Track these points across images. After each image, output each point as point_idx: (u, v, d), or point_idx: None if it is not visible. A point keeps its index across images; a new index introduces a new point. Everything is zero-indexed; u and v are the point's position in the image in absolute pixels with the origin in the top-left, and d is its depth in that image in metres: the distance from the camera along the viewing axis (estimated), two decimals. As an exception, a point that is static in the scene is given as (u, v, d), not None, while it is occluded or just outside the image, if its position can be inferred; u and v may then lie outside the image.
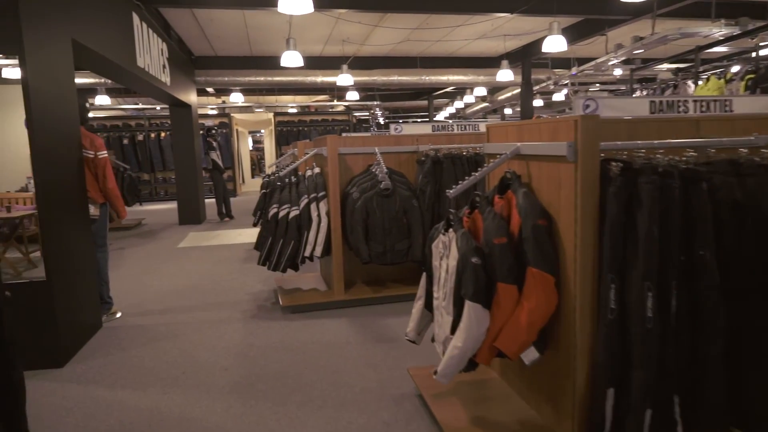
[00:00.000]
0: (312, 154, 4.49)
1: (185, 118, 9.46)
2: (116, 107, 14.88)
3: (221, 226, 9.20)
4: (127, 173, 9.15)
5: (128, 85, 6.28)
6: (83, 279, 3.69)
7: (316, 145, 4.75)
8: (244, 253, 6.73)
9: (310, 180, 4.34)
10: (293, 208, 4.18)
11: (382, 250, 4.19)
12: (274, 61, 11.05)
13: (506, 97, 15.63)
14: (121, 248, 7.38)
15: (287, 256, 4.14)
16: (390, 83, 11.11)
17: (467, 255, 2.06)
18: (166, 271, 5.86)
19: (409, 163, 4.65)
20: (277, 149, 15.37)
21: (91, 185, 3.96)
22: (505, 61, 9.82)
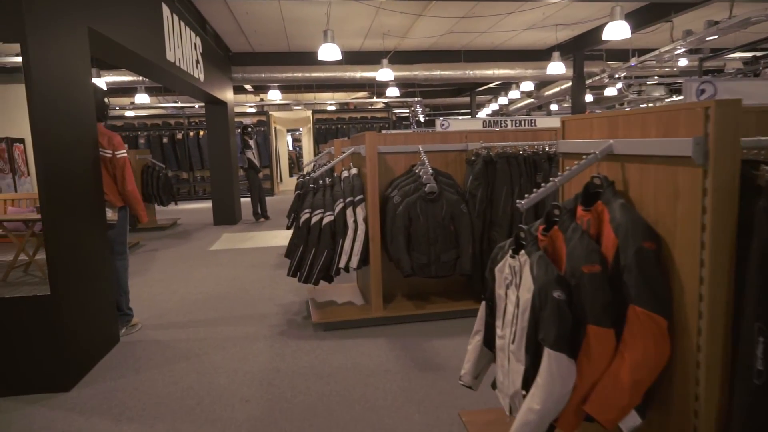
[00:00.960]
0: (349, 153, 4.05)
1: (221, 116, 9.22)
2: (156, 106, 14.92)
3: (256, 227, 8.91)
4: (162, 172, 8.97)
5: (157, 80, 6.01)
6: (98, 291, 3.36)
7: (354, 143, 4.30)
8: (277, 257, 6.36)
9: (346, 182, 3.90)
10: (327, 214, 3.75)
11: (426, 261, 3.71)
12: (312, 56, 10.70)
13: (553, 92, 14.84)
14: (154, 250, 7.16)
15: (320, 267, 3.71)
16: (432, 78, 10.58)
17: (547, 287, 1.56)
18: (194, 276, 5.55)
19: (457, 163, 4.15)
20: (315, 148, 15.08)
21: (109, 187, 3.64)
22: (557, 52, 9.14)
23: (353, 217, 3.76)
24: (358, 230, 3.73)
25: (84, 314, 3.16)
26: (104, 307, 3.47)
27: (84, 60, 3.40)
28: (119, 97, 14.34)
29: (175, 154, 14.25)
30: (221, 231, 8.63)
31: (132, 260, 6.44)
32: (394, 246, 3.70)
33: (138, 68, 5.15)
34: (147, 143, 14.07)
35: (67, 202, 3.02)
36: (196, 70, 6.77)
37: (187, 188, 14.52)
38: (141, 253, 6.97)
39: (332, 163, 4.15)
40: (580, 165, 1.79)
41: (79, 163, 3.20)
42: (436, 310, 3.86)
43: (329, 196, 3.84)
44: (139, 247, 7.39)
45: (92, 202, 3.36)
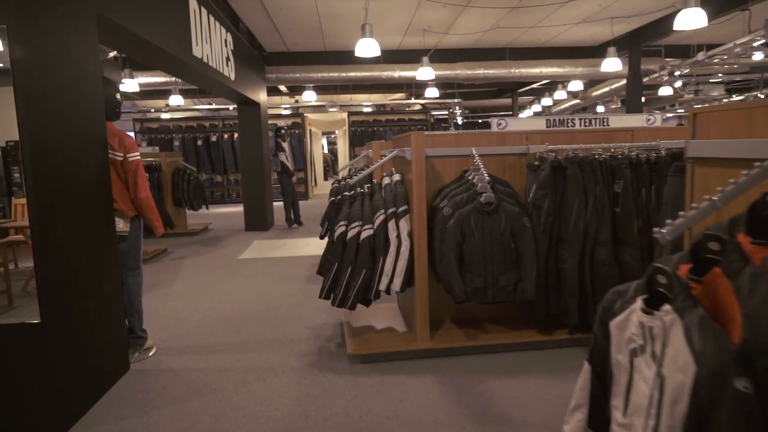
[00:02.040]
0: (390, 157, 3.53)
1: (253, 118, 8.85)
2: (190, 108, 14.78)
3: (288, 234, 8.49)
4: (193, 176, 8.66)
5: (183, 77, 5.63)
6: (103, 313, 2.93)
7: (396, 145, 3.78)
8: (309, 268, 5.89)
9: (387, 190, 3.38)
10: (365, 227, 3.23)
11: (482, 284, 3.14)
12: (349, 56, 10.27)
13: (602, 93, 13.99)
14: (182, 257, 6.80)
15: (357, 289, 3.19)
16: (475, 78, 9.98)
17: (724, 372, 0.98)
18: (220, 289, 5.12)
19: (516, 168, 3.58)
20: (351, 151, 14.64)
21: (120, 195, 3.22)
22: (612, 47, 8.41)
23: (396, 231, 3.22)
24: (401, 247, 3.19)
25: (85, 342, 2.72)
26: (111, 332, 3.03)
27: (92, 50, 2.98)
28: (154, 99, 14.25)
29: (209, 156, 14.05)
30: (252, 237, 8.24)
31: (158, 268, 6.10)
32: (443, 266, 3.16)
33: (160, 63, 4.76)
34: (181, 145, 13.91)
35: (65, 213, 2.59)
36: (226, 68, 6.38)
37: (221, 191, 14.30)
38: (168, 260, 6.62)
39: (371, 168, 3.63)
40: (749, 177, 1.21)
41: (82, 168, 2.78)
42: (491, 342, 3.28)
43: (368, 207, 3.32)
44: (167, 254, 7.06)
45: (98, 211, 2.93)
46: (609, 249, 3.17)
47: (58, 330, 2.48)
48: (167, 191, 8.34)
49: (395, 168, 3.57)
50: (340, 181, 5.96)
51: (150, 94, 13.87)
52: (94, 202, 2.89)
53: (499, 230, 3.15)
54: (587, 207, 3.15)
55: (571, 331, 3.33)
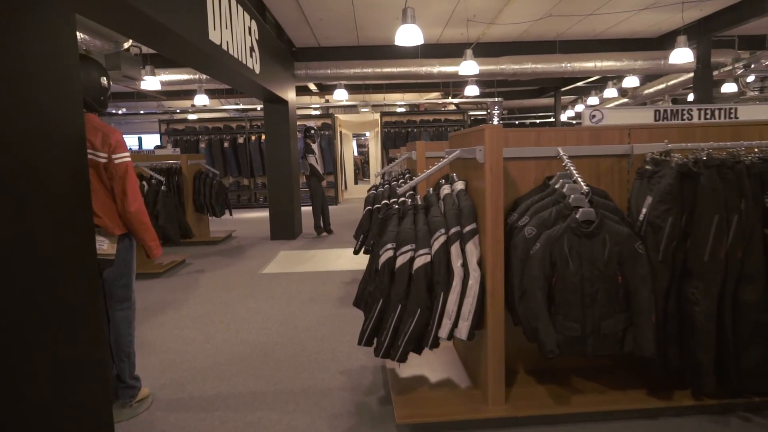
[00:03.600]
0: (451, 159, 2.72)
1: (281, 117, 8.16)
2: (216, 108, 14.27)
3: (317, 243, 7.76)
4: (216, 180, 8.01)
5: (198, 66, 4.94)
6: (79, 365, 2.20)
7: (456, 144, 2.98)
8: (341, 288, 5.13)
9: (448, 203, 2.57)
10: (420, 252, 2.43)
11: (579, 333, 2.31)
12: (384, 51, 9.52)
13: (656, 90, 12.90)
14: (200, 270, 6.12)
15: (408, 335, 2.39)
16: (521, 73, 9.09)
17: None
18: (238, 314, 4.39)
19: (613, 174, 2.74)
20: (383, 153, 13.88)
21: (104, 207, 2.51)
22: (683, 36, 7.42)
23: (461, 258, 2.42)
24: (468, 279, 2.39)
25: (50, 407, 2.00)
26: (89, 389, 2.31)
27: (65, 25, 2.26)
28: (181, 100, 13.78)
29: (235, 159, 13.48)
30: (278, 247, 7.53)
31: (172, 285, 5.42)
32: (526, 306, 2.34)
33: (170, 48, 4.07)
34: (207, 147, 13.38)
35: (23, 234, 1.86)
36: (249, 60, 5.69)
37: (248, 195, 13.72)
38: (184, 274, 5.95)
39: (421, 177, 2.82)
40: None
41: (49, 173, 2.05)
42: (588, 408, 2.44)
43: (423, 225, 2.52)
44: (185, 266, 6.39)
45: (73, 230, 2.21)
46: (760, 288, 2.30)
47: (11, 393, 1.76)
48: (188, 196, 7.71)
49: (456, 174, 2.76)
50: (377, 188, 5.21)
51: (176, 94, 13.41)
52: (66, 218, 2.17)
53: (602, 258, 2.31)
54: (730, 228, 2.28)
55: (698, 395, 2.46)
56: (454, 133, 3.15)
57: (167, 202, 5.94)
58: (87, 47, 6.02)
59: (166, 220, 5.80)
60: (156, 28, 3.46)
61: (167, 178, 7.45)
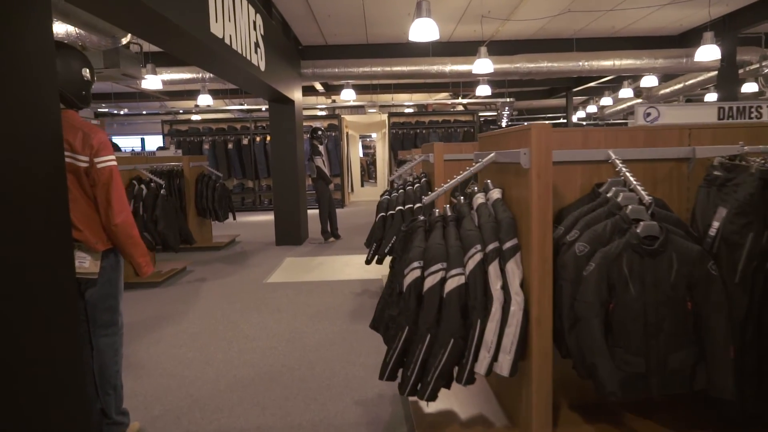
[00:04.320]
0: (484, 164, 2.37)
1: (286, 117, 7.83)
2: (221, 109, 13.96)
3: (325, 249, 7.42)
4: (219, 183, 7.69)
5: (199, 62, 4.61)
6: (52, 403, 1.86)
7: (486, 146, 2.63)
8: (352, 299, 4.78)
9: (483, 214, 2.22)
10: (453, 272, 2.08)
11: (642, 368, 1.96)
12: (393, 49, 9.18)
13: (671, 90, 12.51)
14: (201, 279, 5.79)
15: (440, 369, 2.04)
16: (537, 72, 8.73)
17: None
18: (241, 330, 4.05)
19: (671, 181, 2.39)
20: (391, 155, 13.52)
21: (85, 219, 2.17)
22: (709, 32, 7.05)
23: (501, 279, 2.07)
24: (510, 304, 2.03)
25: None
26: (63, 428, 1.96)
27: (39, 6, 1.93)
28: (184, 100, 13.49)
29: (240, 160, 13.16)
30: (283, 254, 7.20)
31: (171, 295, 5.08)
32: (580, 337, 1.98)
33: (167, 39, 3.73)
34: (211, 149, 13.06)
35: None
36: (255, 56, 5.35)
37: (252, 198, 13.40)
38: (185, 283, 5.62)
39: (451, 184, 2.47)
40: None
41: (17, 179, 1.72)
42: (649, 455, 2.08)
43: (455, 240, 2.17)
44: (185, 274, 6.06)
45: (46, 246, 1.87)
46: None
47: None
48: (189, 200, 7.38)
49: (491, 181, 2.41)
50: (390, 193, 4.86)
51: (179, 95, 13.12)
52: (39, 232, 1.83)
53: (668, 281, 1.96)
54: (824, 247, 1.93)
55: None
56: (484, 133, 2.80)
57: (167, 206, 5.61)
58: (83, 43, 5.70)
59: (166, 225, 5.47)
60: (151, 18, 3.13)
61: (168, 180, 7.13)
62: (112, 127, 16.89)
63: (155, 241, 5.48)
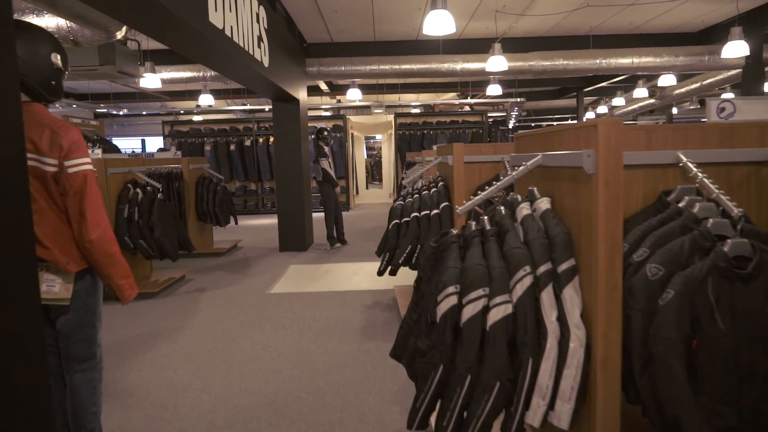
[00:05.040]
0: (528, 168, 2.00)
1: (291, 117, 7.48)
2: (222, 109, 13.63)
3: (331, 256, 7.06)
4: (220, 186, 7.34)
5: (198, 55, 4.26)
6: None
7: (524, 147, 2.26)
8: (363, 313, 4.42)
9: (530, 229, 1.85)
10: (497, 300, 1.71)
11: (734, 421, 1.59)
12: (402, 47, 8.83)
13: (687, 90, 12.13)
14: (200, 290, 5.43)
15: (483, 419, 1.68)
16: (552, 70, 8.36)
17: None
18: (242, 349, 3.69)
19: (749, 186, 2.01)
20: (398, 156, 13.16)
21: (54, 234, 1.81)
22: (737, 27, 6.68)
23: (556, 309, 1.70)
24: (569, 340, 1.67)
25: None
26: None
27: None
28: (186, 101, 13.16)
29: (242, 162, 12.81)
30: (287, 260, 6.84)
31: (167, 308, 4.71)
32: (657, 381, 1.61)
33: (161, 28, 3.38)
34: (213, 150, 12.72)
35: None
36: (257, 51, 5.00)
37: (255, 201, 13.05)
38: (183, 294, 5.26)
39: (493, 189, 2.10)
40: None
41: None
42: None
43: (497, 260, 1.80)
44: (184, 283, 5.71)
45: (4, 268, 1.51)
46: None
47: None
48: (189, 204, 7.04)
49: (538, 189, 2.04)
50: (405, 198, 4.50)
51: (180, 95, 12.79)
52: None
53: (763, 312, 1.59)
54: None
55: None
56: (521, 132, 2.43)
57: (164, 212, 5.26)
58: (75, 37, 5.36)
59: (163, 233, 5.12)
60: (144, 5, 2.78)
61: (167, 184, 6.80)
62: (112, 128, 16.57)
63: (151, 249, 5.13)
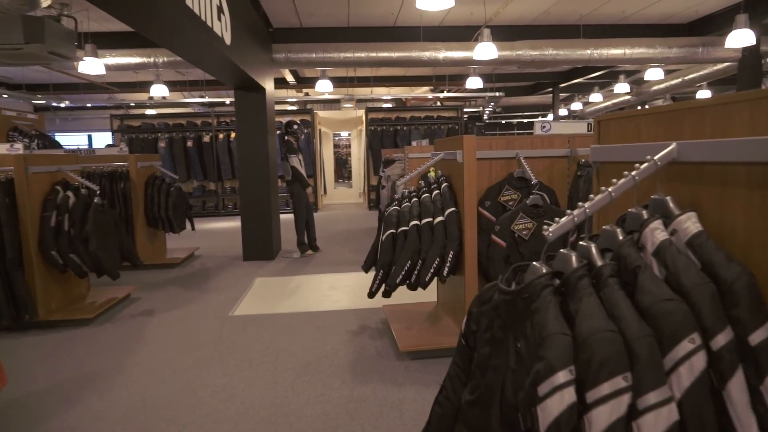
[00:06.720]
0: (659, 165, 1.26)
1: (256, 109, 6.59)
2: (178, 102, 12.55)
3: (303, 266, 6.22)
4: (174, 187, 6.41)
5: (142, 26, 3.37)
6: None
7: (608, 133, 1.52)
8: (348, 341, 3.63)
9: (680, 266, 1.11)
10: (652, 396, 0.96)
11: None
12: (378, 34, 8.06)
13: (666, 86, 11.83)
14: (147, 312, 4.52)
15: None
16: (540, 60, 7.75)
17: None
18: (198, 400, 2.85)
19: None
20: (369, 153, 12.37)
21: None
22: (743, 15, 6.22)
23: (753, 414, 0.97)
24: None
25: None
26: None
27: None
28: (137, 92, 12.01)
29: (200, 160, 11.77)
30: (253, 272, 5.97)
31: (107, 336, 3.72)
32: None
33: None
34: (168, 147, 11.61)
35: None
36: (218, 24, 4.14)
37: (215, 202, 12.03)
38: (126, 319, 4.34)
39: (622, 183, 1.36)
40: None
41: None
42: None
43: (634, 321, 1.05)
44: (128, 304, 4.77)
45: None
46: None
47: None
48: (137, 208, 6.08)
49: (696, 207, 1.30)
50: (401, 201, 3.74)
51: (131, 86, 11.65)
52: None
53: None
54: None
55: None
56: (609, 114, 1.70)
57: (103, 219, 4.34)
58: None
59: (100, 245, 4.20)
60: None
61: (110, 185, 5.84)
62: (54, 122, 15.10)
63: (86, 265, 4.21)
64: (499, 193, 3.43)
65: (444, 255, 3.27)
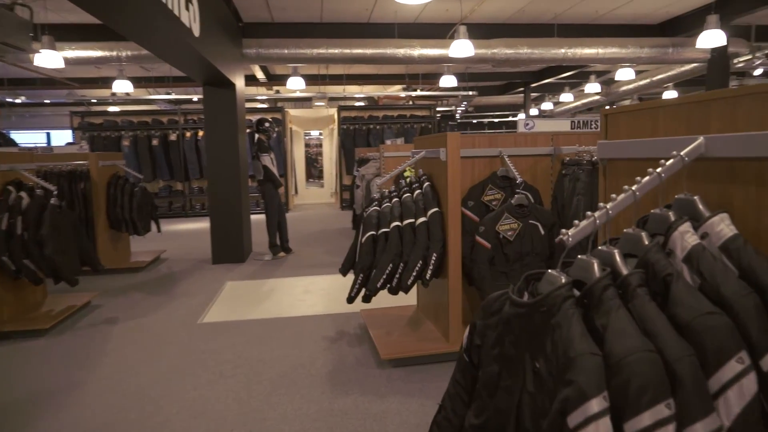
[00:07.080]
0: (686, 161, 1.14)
1: (225, 106, 6.34)
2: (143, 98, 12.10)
3: (275, 269, 6.01)
4: (138, 187, 6.10)
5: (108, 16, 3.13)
6: None
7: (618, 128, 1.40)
8: (326, 348, 3.46)
9: (719, 276, 0.98)
10: (699, 426, 0.83)
11: None
12: (353, 29, 7.87)
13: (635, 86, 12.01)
14: (110, 321, 4.25)
15: None
16: (515, 59, 7.71)
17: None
18: (164, 422, 2.63)
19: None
20: (341, 153, 12.17)
21: None
22: (714, 15, 6.30)
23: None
24: None
25: None
26: None
27: None
28: (99, 89, 11.52)
29: (167, 159, 11.36)
30: (223, 276, 5.72)
31: (64, 348, 3.42)
32: None
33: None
34: (132, 146, 11.17)
35: None
36: (185, 14, 3.91)
37: (182, 202, 11.64)
38: (86, 328, 4.06)
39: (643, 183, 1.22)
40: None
41: None
42: None
43: (673, 339, 0.92)
44: (87, 313, 4.47)
45: None
46: None
47: None
48: (99, 210, 5.76)
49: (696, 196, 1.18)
50: (381, 202, 3.58)
51: (93, 82, 11.16)
52: None
53: None
54: None
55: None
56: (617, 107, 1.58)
57: (60, 221, 4.05)
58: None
59: (57, 249, 3.91)
60: None
61: (69, 185, 5.51)
62: (10, 119, 14.39)
63: (41, 271, 3.91)
64: (482, 192, 3.31)
65: (427, 257, 3.13)
